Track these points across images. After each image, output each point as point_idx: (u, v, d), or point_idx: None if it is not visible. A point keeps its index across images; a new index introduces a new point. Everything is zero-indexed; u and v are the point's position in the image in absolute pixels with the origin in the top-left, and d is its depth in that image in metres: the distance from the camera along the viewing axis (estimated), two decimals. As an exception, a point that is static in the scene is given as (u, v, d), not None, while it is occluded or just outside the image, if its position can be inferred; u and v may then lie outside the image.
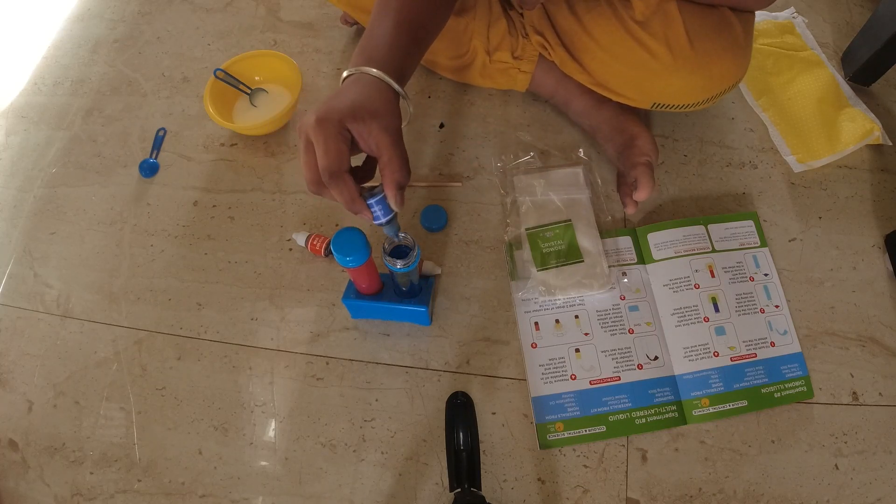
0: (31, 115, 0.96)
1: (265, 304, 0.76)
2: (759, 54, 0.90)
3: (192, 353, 0.74)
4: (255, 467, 0.68)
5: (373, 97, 0.51)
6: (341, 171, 0.48)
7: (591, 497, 0.65)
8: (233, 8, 1.04)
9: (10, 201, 0.88)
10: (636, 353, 0.70)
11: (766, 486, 0.65)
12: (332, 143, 0.48)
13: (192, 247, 0.81)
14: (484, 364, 0.71)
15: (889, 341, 0.72)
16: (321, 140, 0.48)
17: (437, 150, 0.86)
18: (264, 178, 0.85)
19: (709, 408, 0.68)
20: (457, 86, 0.91)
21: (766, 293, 0.73)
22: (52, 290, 0.80)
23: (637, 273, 0.75)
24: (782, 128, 0.85)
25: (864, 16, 0.96)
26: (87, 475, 0.69)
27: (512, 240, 0.77)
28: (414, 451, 0.67)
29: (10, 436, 0.72)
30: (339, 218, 0.81)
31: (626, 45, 0.67)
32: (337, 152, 0.48)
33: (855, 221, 0.79)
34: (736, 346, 0.70)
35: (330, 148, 0.47)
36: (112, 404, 0.72)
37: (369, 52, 0.54)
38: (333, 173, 0.48)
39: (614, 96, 0.74)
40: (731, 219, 0.78)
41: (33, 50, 1.03)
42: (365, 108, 0.49)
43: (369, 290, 0.68)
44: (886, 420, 0.68)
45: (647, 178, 0.71)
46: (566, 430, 0.67)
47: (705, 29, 0.66)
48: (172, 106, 0.94)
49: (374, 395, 0.70)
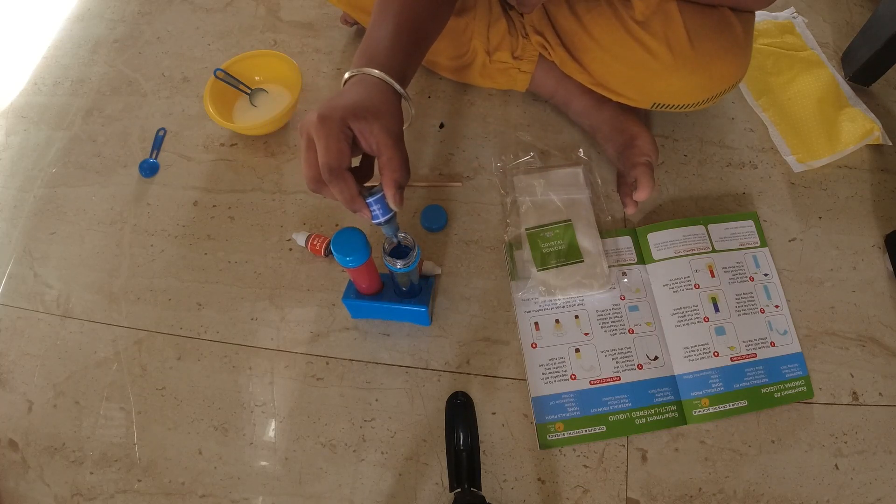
0: (31, 115, 0.96)
1: (265, 304, 0.76)
2: (759, 54, 0.90)
3: (192, 353, 0.74)
4: (255, 467, 0.68)
5: (374, 98, 0.51)
6: (341, 169, 0.48)
7: (591, 497, 0.65)
8: (233, 8, 1.04)
9: (10, 201, 0.88)
10: (636, 353, 0.70)
11: (766, 486, 0.65)
12: (333, 140, 0.48)
13: (192, 247, 0.81)
14: (484, 364, 0.71)
15: (889, 341, 0.72)
16: (323, 137, 0.48)
17: (437, 150, 0.86)
18: (264, 178, 0.85)
19: (709, 408, 0.68)
20: (457, 86, 0.91)
21: (766, 293, 0.73)
22: (52, 290, 0.80)
23: (637, 273, 0.75)
24: (782, 128, 0.85)
25: (864, 16, 0.96)
26: (87, 475, 0.69)
27: (512, 240, 0.77)
28: (414, 451, 0.67)
29: (10, 436, 0.72)
30: (339, 218, 0.81)
31: (627, 44, 0.67)
32: (338, 150, 0.48)
33: (855, 221, 0.79)
34: (736, 346, 0.70)
35: (331, 145, 0.48)
36: (112, 404, 0.72)
37: (371, 53, 0.54)
38: (333, 170, 0.48)
39: (614, 96, 0.74)
40: (731, 219, 0.78)
41: (33, 50, 1.03)
42: (367, 108, 0.49)
43: (369, 290, 0.68)
44: (886, 420, 0.68)
45: (647, 178, 0.71)
46: (566, 430, 0.67)
47: (705, 29, 0.66)
48: (172, 106, 0.94)
49: (374, 395, 0.70)
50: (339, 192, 0.49)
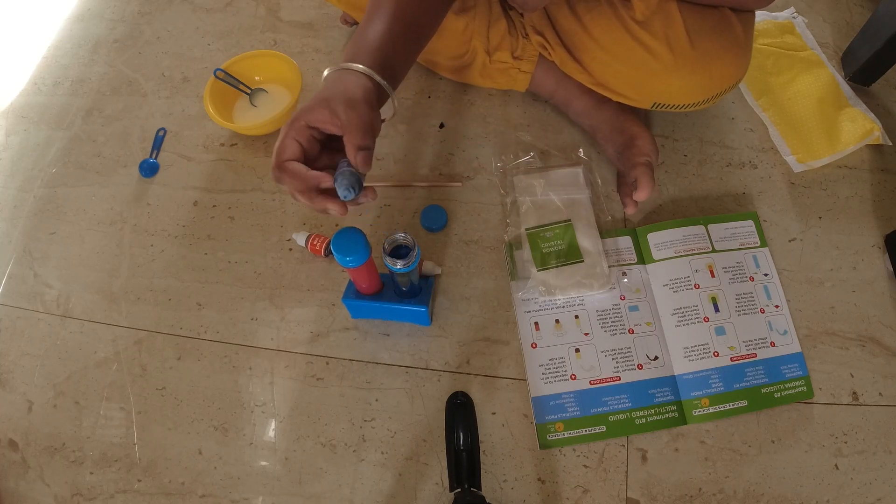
0: (31, 115, 0.96)
1: (265, 304, 0.76)
2: (759, 54, 0.90)
3: (192, 353, 0.74)
4: (255, 467, 0.68)
5: (337, 88, 0.52)
6: (281, 161, 0.51)
7: (591, 497, 0.65)
8: (233, 8, 1.04)
9: (10, 201, 0.88)
10: (636, 353, 0.70)
11: (766, 486, 0.65)
12: (282, 140, 0.51)
13: (192, 247, 0.81)
14: (484, 364, 0.71)
15: (889, 341, 0.72)
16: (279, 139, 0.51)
17: (437, 150, 0.86)
18: (264, 178, 0.85)
19: (709, 408, 0.68)
20: (457, 86, 0.91)
21: (766, 293, 0.73)
22: (52, 290, 0.80)
23: (637, 273, 0.75)
24: (782, 128, 0.85)
25: (864, 16, 0.96)
26: (87, 475, 0.69)
27: (512, 240, 0.77)
28: (414, 451, 0.67)
29: (10, 436, 0.72)
30: (338, 218, 0.81)
31: (627, 44, 0.67)
32: (281, 147, 0.51)
33: (855, 221, 0.79)
34: (736, 346, 0.70)
35: (279, 145, 0.51)
36: (112, 404, 0.72)
37: (355, 49, 0.56)
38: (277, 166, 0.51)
39: (614, 96, 0.74)
40: (731, 219, 0.78)
41: (33, 50, 1.03)
42: (323, 99, 0.51)
43: (369, 290, 0.68)
44: (886, 420, 0.68)
45: (648, 178, 0.71)
46: (566, 430, 0.67)
47: (706, 29, 0.66)
48: (172, 106, 0.94)
49: (374, 395, 0.70)
50: (288, 183, 0.51)
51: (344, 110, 0.50)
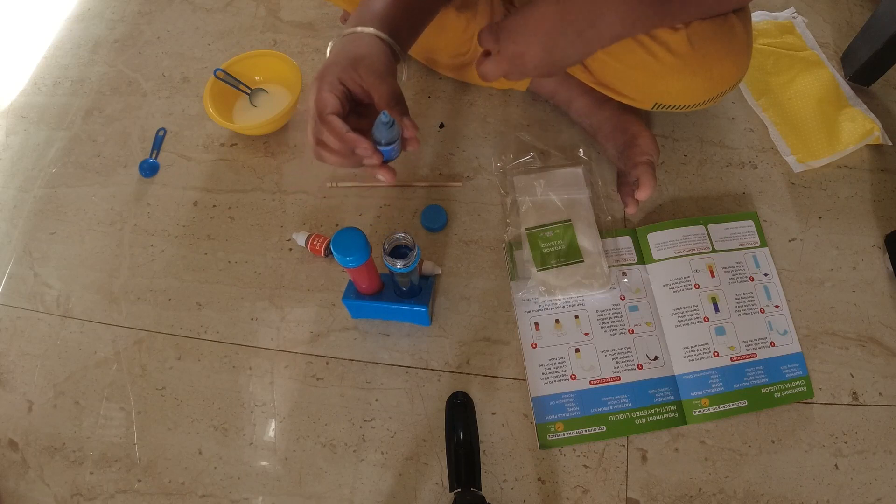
0: (31, 115, 0.96)
1: (265, 304, 0.76)
2: (759, 54, 0.90)
3: (192, 353, 0.74)
4: (255, 467, 0.68)
5: (361, 48, 0.53)
6: (325, 115, 0.51)
7: (591, 497, 0.65)
8: (233, 8, 1.04)
9: (10, 201, 0.88)
10: (636, 353, 0.70)
11: (766, 486, 0.65)
12: (320, 93, 0.51)
13: (192, 247, 0.81)
14: (484, 364, 0.71)
15: (889, 341, 0.72)
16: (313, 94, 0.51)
17: (437, 150, 0.86)
18: (264, 178, 0.85)
19: (709, 408, 0.68)
20: (457, 86, 0.91)
21: (766, 293, 0.73)
22: (52, 290, 0.80)
23: (637, 273, 0.75)
24: (782, 128, 0.85)
25: (864, 16, 0.96)
26: (87, 475, 0.69)
27: (512, 240, 0.77)
28: (414, 451, 0.67)
29: (10, 436, 0.72)
30: (339, 218, 0.81)
31: (627, 45, 0.67)
32: (321, 99, 0.51)
33: (855, 221, 0.79)
34: (736, 346, 0.70)
35: (318, 98, 0.51)
36: (112, 404, 0.72)
37: (361, 15, 0.57)
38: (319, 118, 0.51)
39: (616, 96, 0.74)
40: (731, 219, 0.78)
41: (33, 50, 1.03)
42: (352, 58, 0.52)
43: (369, 290, 0.68)
44: (886, 420, 0.68)
45: (649, 177, 0.71)
46: (566, 430, 0.67)
47: (706, 30, 0.65)
48: (172, 106, 0.94)
49: (374, 395, 0.70)
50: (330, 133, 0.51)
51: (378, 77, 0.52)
